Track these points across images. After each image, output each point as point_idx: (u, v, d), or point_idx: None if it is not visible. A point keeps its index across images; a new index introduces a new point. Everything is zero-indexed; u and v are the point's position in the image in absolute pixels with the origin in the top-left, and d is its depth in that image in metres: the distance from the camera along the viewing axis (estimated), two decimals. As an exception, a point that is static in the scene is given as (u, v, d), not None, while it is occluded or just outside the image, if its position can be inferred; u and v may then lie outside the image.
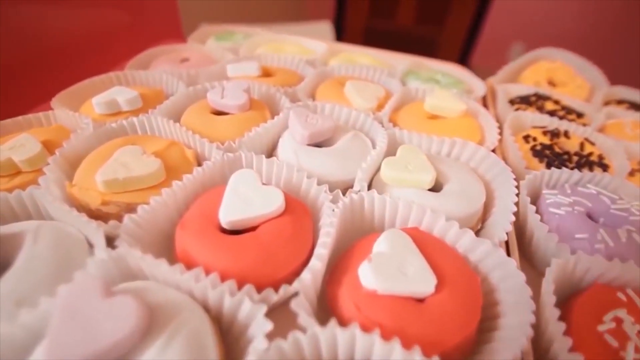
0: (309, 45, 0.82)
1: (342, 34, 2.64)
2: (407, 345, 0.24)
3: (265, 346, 0.24)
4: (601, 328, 0.28)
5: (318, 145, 0.45)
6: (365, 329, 0.25)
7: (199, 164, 0.41)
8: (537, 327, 0.31)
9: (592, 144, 0.50)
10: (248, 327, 0.27)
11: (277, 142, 0.47)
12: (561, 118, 0.57)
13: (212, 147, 0.42)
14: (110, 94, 0.50)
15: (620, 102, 0.67)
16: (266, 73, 0.63)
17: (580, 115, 0.59)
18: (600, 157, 0.48)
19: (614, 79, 0.74)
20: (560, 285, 0.32)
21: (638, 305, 0.29)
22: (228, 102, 0.48)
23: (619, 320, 0.28)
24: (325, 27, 1.81)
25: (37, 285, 0.29)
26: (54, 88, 0.55)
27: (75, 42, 0.75)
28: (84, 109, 0.51)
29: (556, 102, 0.62)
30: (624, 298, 0.30)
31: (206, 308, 0.28)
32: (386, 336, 0.25)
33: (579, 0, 2.08)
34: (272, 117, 0.48)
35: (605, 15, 2.02)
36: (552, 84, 0.72)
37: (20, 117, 0.49)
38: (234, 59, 0.67)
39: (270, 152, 0.48)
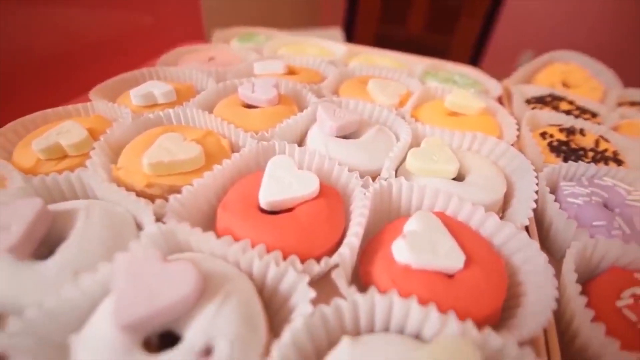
0: (328, 47, 0.84)
1: (352, 41, 2.67)
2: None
3: (310, 311, 0.26)
4: (619, 304, 0.30)
5: (344, 137, 0.47)
6: (402, 298, 0.27)
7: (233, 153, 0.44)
8: (559, 305, 0.33)
9: (607, 141, 0.52)
10: (290, 297, 0.29)
11: (305, 134, 0.49)
12: (576, 117, 0.59)
13: (246, 137, 0.44)
14: (147, 87, 0.52)
15: (633, 103, 0.69)
16: (290, 72, 0.66)
17: (594, 115, 0.61)
18: (615, 153, 0.50)
19: (627, 84, 0.76)
20: (579, 269, 0.34)
21: (655, 284, 0.31)
22: (259, 96, 0.50)
23: (636, 297, 0.30)
24: (336, 34, 1.85)
25: (92, 256, 0.31)
26: (82, 85, 0.58)
27: (103, 42, 0.78)
28: (120, 101, 0.54)
29: (571, 102, 0.64)
30: (640, 278, 0.32)
31: (250, 279, 0.31)
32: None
33: (587, 5, 2.09)
34: (300, 111, 0.51)
35: (616, 22, 2.04)
36: (566, 85, 0.74)
37: (60, 108, 0.51)
38: (259, 58, 0.70)
39: (299, 144, 0.50)
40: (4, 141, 0.46)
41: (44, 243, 0.33)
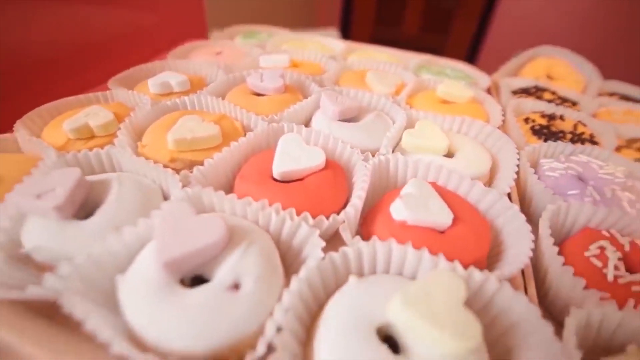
0: (328, 43, 0.89)
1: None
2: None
3: (322, 256, 0.31)
4: (587, 254, 0.34)
5: (346, 121, 0.52)
6: (399, 248, 0.32)
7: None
8: (536, 262, 0.37)
9: (585, 125, 0.57)
10: (302, 250, 0.34)
11: (309, 120, 0.54)
12: (557, 105, 0.64)
13: (257, 119, 0.49)
14: (163, 76, 0.57)
15: (611, 94, 0.74)
16: (293, 65, 0.70)
17: (574, 103, 0.67)
18: (592, 135, 0.55)
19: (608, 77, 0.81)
20: (554, 229, 0.38)
21: (618, 239, 0.36)
22: (267, 85, 0.55)
23: (602, 248, 0.35)
24: (333, 34, 1.90)
25: (128, 216, 0.35)
26: (85, 83, 0.63)
27: (107, 41, 0.81)
28: (137, 90, 0.58)
29: (553, 93, 0.69)
30: (607, 234, 0.36)
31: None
32: (416, 253, 0.31)
33: (580, 6, 2.15)
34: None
35: (608, 23, 2.10)
36: (550, 78, 0.79)
37: (81, 96, 0.56)
38: (263, 53, 0.75)
39: (305, 128, 0.55)
40: (30, 124, 0.50)
41: (81, 209, 0.37)
